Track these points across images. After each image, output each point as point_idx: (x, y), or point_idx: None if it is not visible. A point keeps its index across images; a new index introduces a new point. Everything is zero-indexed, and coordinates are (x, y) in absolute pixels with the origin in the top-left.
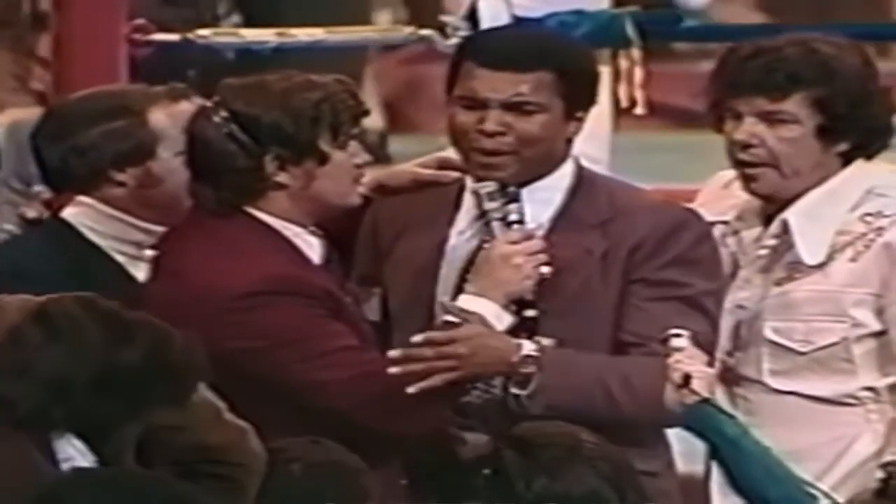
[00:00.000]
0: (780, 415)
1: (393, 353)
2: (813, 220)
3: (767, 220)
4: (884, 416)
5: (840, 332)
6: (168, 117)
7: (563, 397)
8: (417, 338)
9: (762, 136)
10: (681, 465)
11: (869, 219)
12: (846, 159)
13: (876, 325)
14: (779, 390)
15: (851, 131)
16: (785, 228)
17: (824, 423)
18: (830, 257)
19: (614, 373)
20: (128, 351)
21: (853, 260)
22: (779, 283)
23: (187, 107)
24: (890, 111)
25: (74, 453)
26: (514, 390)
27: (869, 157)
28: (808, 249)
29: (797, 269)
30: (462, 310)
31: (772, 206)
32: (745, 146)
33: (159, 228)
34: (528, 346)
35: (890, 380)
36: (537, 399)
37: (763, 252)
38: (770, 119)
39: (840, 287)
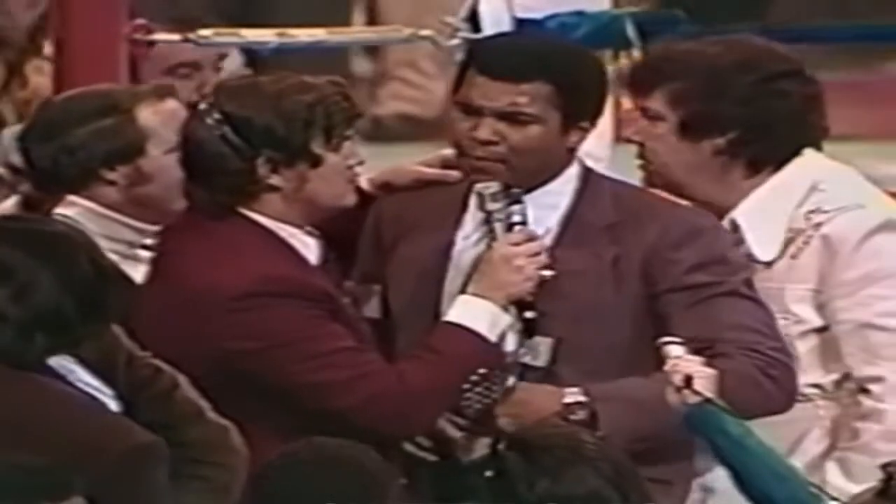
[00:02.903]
0: None
1: None
2: (761, 218)
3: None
4: (831, 412)
5: (782, 328)
6: (156, 115)
7: (630, 427)
8: None
9: (643, 134)
10: None
11: (810, 215)
12: (746, 157)
13: (817, 321)
14: None
15: (713, 127)
16: (735, 228)
17: (773, 419)
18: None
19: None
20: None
21: (794, 257)
22: None
23: (174, 104)
24: (766, 107)
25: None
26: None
27: (781, 162)
28: (761, 247)
29: None
30: None
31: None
32: (639, 144)
33: (150, 227)
34: (570, 393)
35: (835, 376)
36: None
37: None
38: (646, 116)
39: (781, 283)
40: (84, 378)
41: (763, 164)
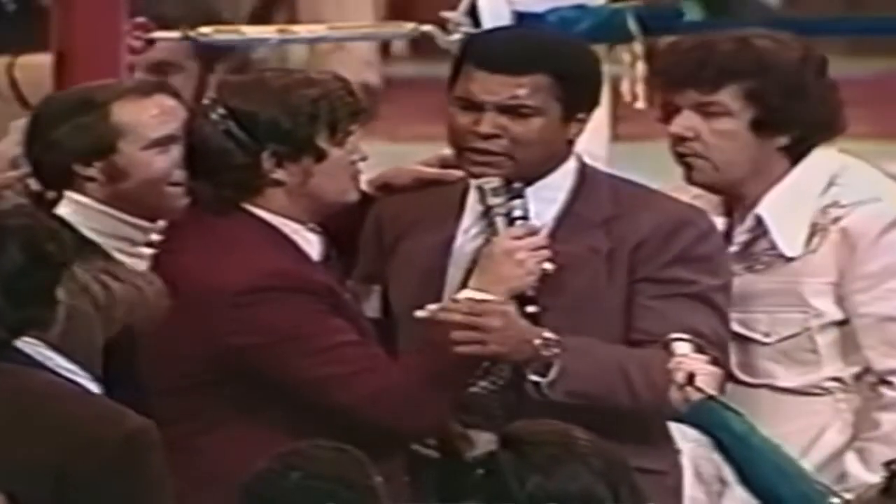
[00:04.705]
0: (750, 405)
1: (420, 314)
2: (786, 213)
3: (728, 213)
4: (852, 405)
5: (802, 322)
6: (133, 111)
7: (584, 384)
8: (433, 307)
9: (697, 129)
10: None
11: (828, 210)
12: (795, 154)
13: (837, 315)
14: (746, 382)
15: (788, 125)
16: (758, 223)
17: (793, 413)
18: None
19: (634, 361)
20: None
21: (813, 251)
22: (741, 275)
23: (162, 101)
24: (832, 106)
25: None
26: (533, 378)
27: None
28: (786, 242)
29: (759, 260)
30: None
31: (726, 197)
32: (682, 139)
33: (148, 224)
34: (547, 332)
35: (855, 369)
36: (558, 385)
37: (735, 248)
38: (704, 111)
39: (800, 277)
40: (62, 364)
41: (802, 158)
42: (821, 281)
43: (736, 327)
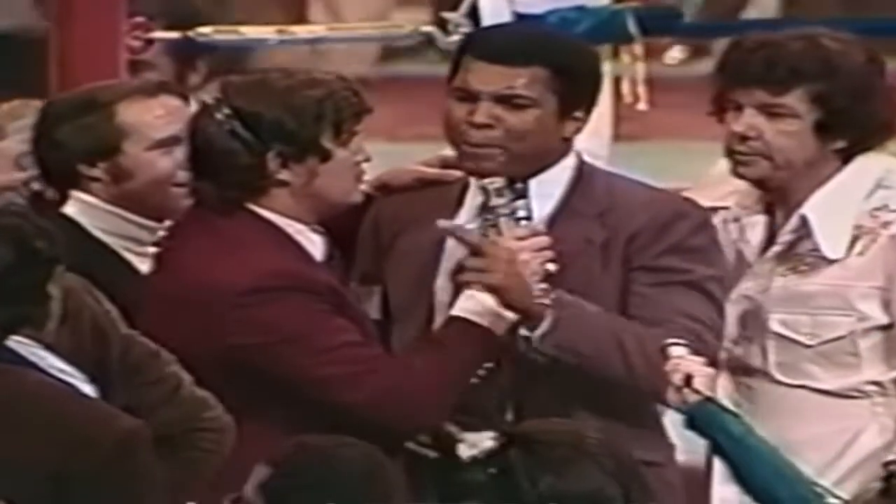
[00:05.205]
0: (786, 406)
1: (442, 223)
2: (830, 215)
3: (768, 209)
4: (890, 409)
5: (847, 325)
6: (137, 111)
7: (575, 339)
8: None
9: (760, 129)
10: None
11: (876, 213)
12: (845, 156)
13: (883, 319)
14: (784, 382)
15: (850, 128)
16: (803, 223)
17: (830, 415)
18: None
19: (629, 330)
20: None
21: (860, 254)
22: (785, 276)
23: (167, 101)
24: (891, 108)
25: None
26: (524, 332)
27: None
28: (829, 244)
29: (803, 261)
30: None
31: (770, 195)
32: (744, 138)
33: (155, 224)
34: (542, 286)
35: (895, 373)
36: (549, 338)
37: (778, 248)
38: (770, 112)
39: (847, 281)
40: (55, 364)
41: (851, 159)
42: (868, 285)
43: (778, 328)
